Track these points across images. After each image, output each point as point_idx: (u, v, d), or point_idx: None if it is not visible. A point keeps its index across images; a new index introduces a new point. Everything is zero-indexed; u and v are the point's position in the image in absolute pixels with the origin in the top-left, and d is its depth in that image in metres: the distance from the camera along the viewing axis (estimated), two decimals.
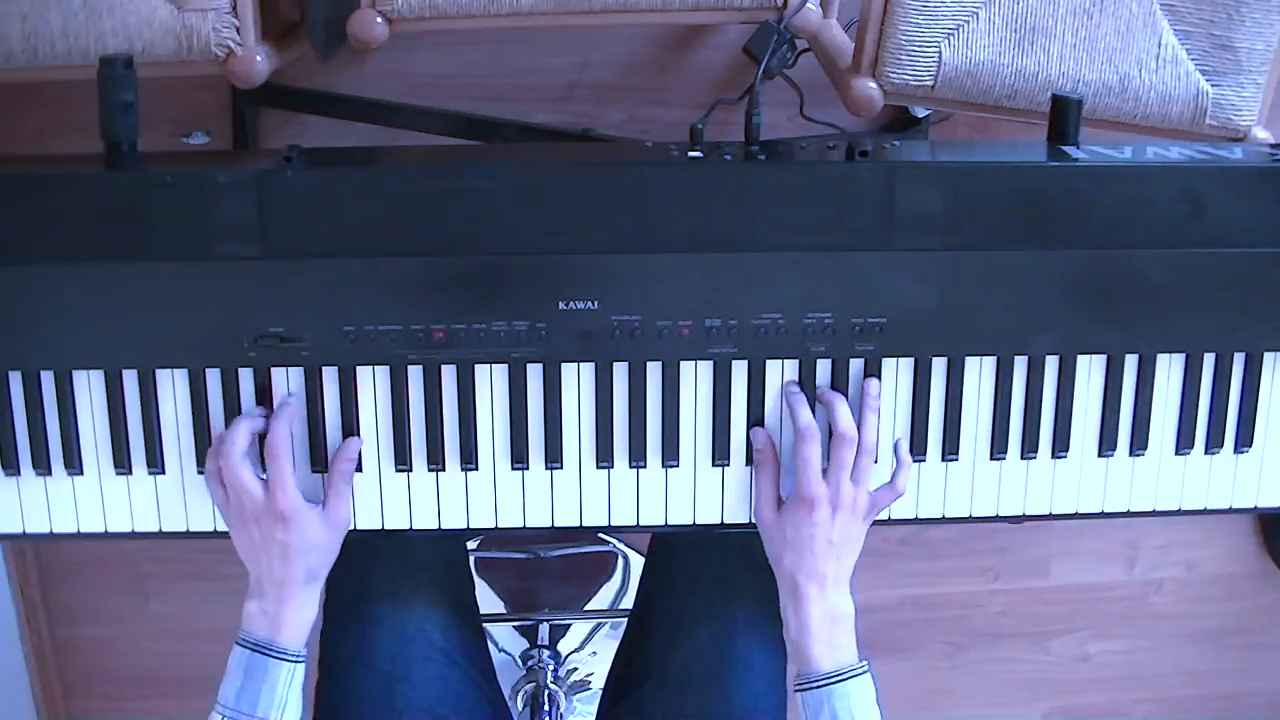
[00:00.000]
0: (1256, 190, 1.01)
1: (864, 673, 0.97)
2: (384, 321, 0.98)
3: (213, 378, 1.01)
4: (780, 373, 1.03)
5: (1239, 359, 1.06)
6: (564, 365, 1.02)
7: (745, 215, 0.98)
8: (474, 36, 1.40)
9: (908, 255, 0.99)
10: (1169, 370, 1.06)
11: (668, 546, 1.23)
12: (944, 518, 1.08)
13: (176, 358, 1.00)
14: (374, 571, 1.14)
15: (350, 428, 1.02)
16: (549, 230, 0.98)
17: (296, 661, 0.96)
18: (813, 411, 1.02)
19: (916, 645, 2.03)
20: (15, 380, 1.00)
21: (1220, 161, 1.03)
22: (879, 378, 1.03)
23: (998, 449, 1.06)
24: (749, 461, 1.05)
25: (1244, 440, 1.08)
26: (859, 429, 1.01)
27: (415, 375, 1.01)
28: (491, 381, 1.02)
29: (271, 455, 0.97)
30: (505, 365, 1.01)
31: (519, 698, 1.36)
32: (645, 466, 1.05)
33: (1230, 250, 1.01)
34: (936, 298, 1.01)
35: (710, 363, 1.02)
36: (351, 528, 1.04)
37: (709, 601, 1.11)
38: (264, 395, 1.01)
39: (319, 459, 1.03)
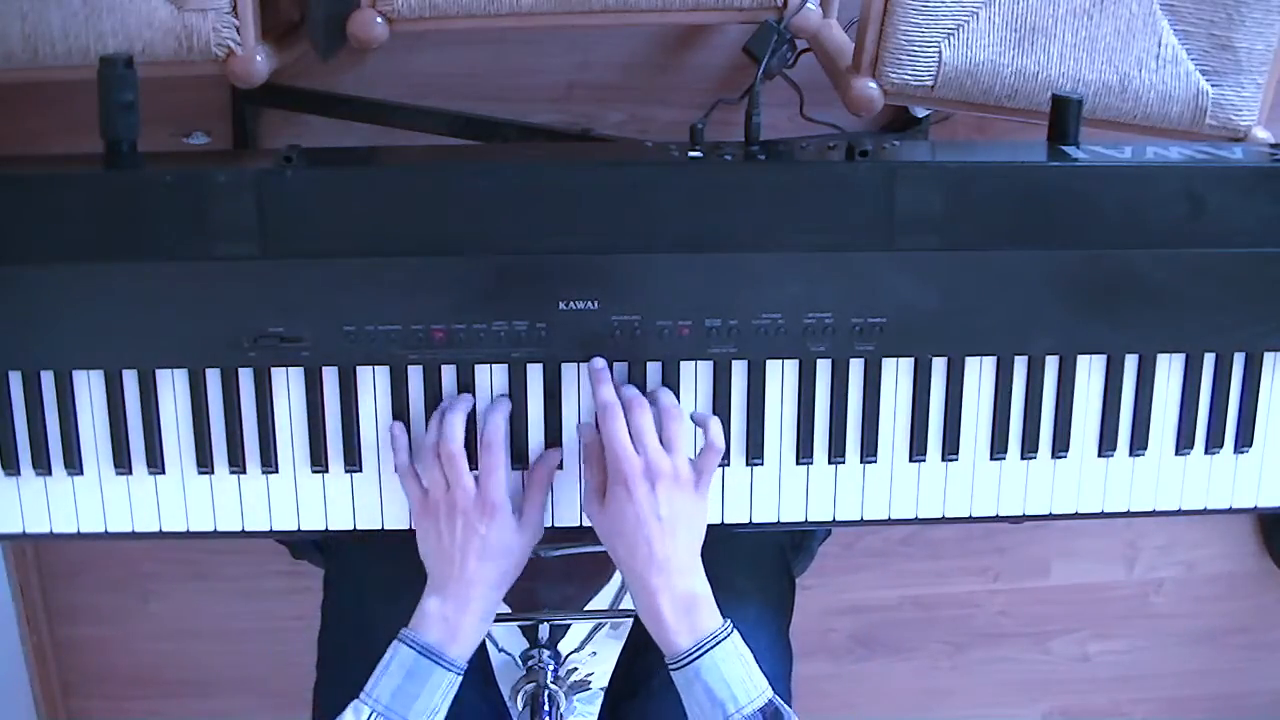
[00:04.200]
0: (1256, 190, 1.01)
1: (724, 638, 0.93)
2: (384, 321, 0.99)
3: (213, 378, 1.01)
4: (780, 373, 1.03)
5: (1239, 359, 1.06)
6: (564, 365, 1.02)
7: (745, 215, 0.98)
8: (474, 36, 1.39)
9: (908, 255, 0.99)
10: (1169, 370, 1.06)
11: None
12: (944, 518, 1.08)
13: (176, 358, 1.00)
14: (370, 572, 1.14)
15: (350, 427, 1.02)
16: (549, 230, 0.98)
17: (459, 673, 0.94)
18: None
19: (916, 645, 2.02)
20: (15, 380, 1.00)
21: (1220, 161, 1.03)
22: (879, 378, 1.03)
23: (998, 449, 1.06)
24: (748, 461, 1.05)
25: (1244, 440, 1.08)
26: (657, 393, 0.99)
27: (415, 375, 1.01)
28: (492, 382, 1.02)
29: (488, 447, 0.97)
30: (505, 365, 1.01)
31: (519, 698, 1.35)
32: None
33: (1230, 250, 1.01)
34: (936, 298, 1.01)
35: (710, 363, 1.02)
36: (352, 528, 1.05)
37: None
38: (264, 395, 1.01)
39: (319, 459, 1.03)
